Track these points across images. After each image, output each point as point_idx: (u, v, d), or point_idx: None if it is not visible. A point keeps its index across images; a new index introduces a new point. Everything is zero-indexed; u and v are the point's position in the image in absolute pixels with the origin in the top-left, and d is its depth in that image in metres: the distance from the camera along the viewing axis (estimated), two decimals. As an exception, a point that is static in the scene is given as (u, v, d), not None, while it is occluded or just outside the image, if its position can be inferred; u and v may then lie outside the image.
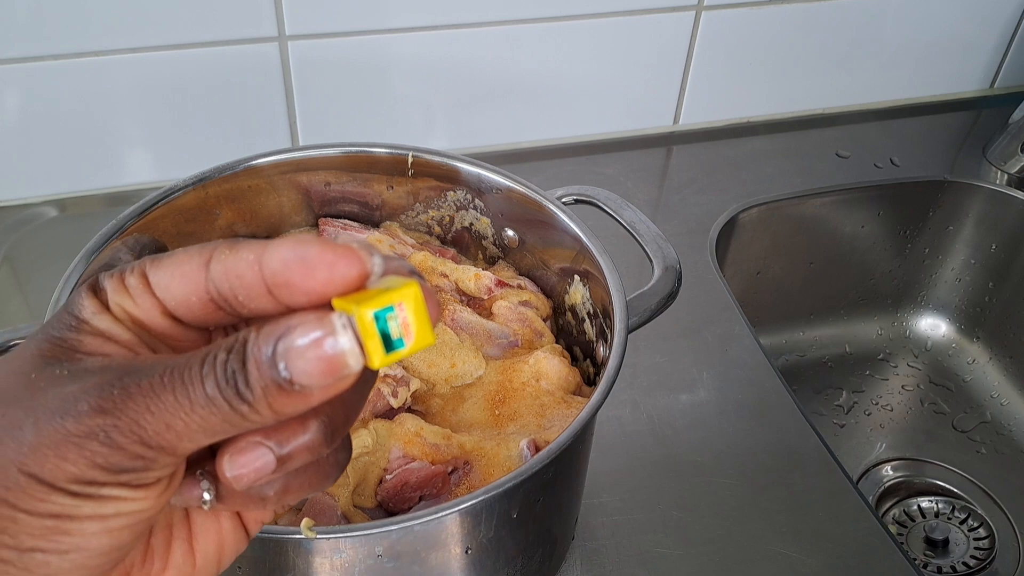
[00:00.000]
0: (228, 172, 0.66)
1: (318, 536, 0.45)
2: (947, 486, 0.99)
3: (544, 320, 0.68)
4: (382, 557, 0.49)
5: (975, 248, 1.08)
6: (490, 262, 0.73)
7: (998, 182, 1.06)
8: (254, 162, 0.67)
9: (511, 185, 0.67)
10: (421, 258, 0.69)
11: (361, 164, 0.70)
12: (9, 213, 0.92)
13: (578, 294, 0.66)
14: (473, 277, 0.68)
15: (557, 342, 0.67)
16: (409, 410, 0.60)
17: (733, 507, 0.71)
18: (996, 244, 1.07)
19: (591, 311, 0.65)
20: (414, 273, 0.28)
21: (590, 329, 0.65)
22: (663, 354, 0.83)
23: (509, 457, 0.56)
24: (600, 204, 0.68)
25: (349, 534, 0.48)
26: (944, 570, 0.92)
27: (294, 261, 0.26)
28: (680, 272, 0.63)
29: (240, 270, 0.27)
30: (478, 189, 0.69)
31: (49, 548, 0.27)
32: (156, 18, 0.85)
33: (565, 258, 0.66)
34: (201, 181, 0.65)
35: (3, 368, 0.28)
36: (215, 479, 0.30)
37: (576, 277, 0.66)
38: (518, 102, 1.02)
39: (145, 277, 0.29)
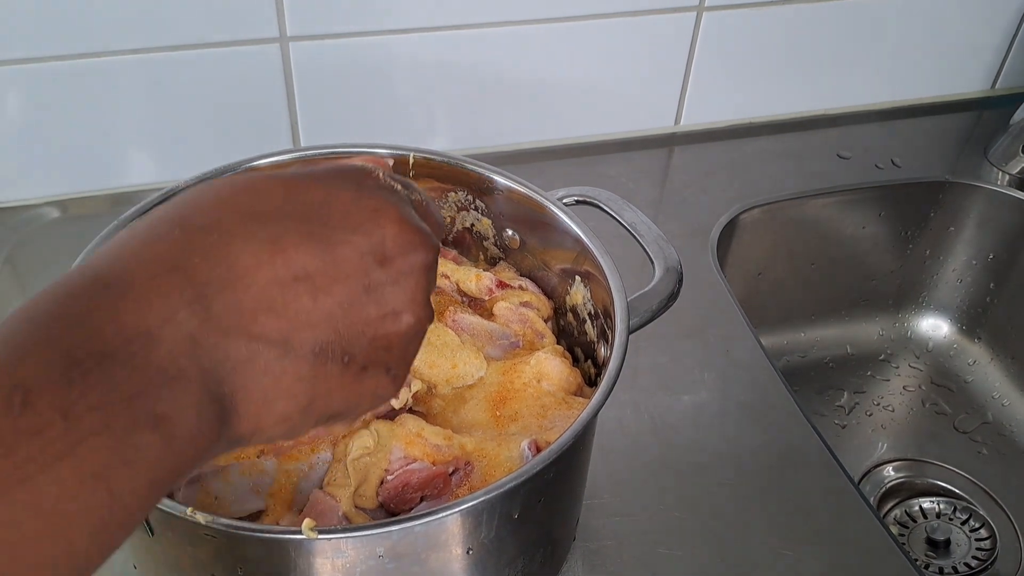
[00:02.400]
0: (229, 173, 0.66)
1: (319, 536, 0.45)
2: (948, 487, 0.99)
3: (545, 321, 0.68)
4: (383, 558, 0.49)
5: (976, 249, 1.08)
6: (491, 263, 0.73)
7: (999, 183, 1.06)
8: (255, 163, 0.67)
9: (512, 186, 0.67)
10: (422, 259, 0.69)
11: (362, 165, 0.70)
12: (11, 214, 0.92)
13: (579, 295, 0.66)
14: (474, 278, 0.68)
15: (558, 343, 0.67)
16: (410, 411, 0.60)
17: (734, 508, 0.71)
18: (997, 245, 1.07)
19: (592, 312, 0.65)
20: None
21: (591, 330, 0.65)
22: (664, 355, 0.83)
23: (510, 458, 0.56)
24: (601, 205, 0.68)
25: (350, 535, 0.48)
26: (946, 571, 0.91)
27: None
28: (681, 273, 0.63)
29: None
30: (479, 190, 0.69)
31: None
32: (158, 19, 0.85)
33: (566, 259, 0.66)
34: (203, 182, 0.65)
35: None
36: None
37: (577, 278, 0.66)
38: (519, 103, 1.02)
39: None
